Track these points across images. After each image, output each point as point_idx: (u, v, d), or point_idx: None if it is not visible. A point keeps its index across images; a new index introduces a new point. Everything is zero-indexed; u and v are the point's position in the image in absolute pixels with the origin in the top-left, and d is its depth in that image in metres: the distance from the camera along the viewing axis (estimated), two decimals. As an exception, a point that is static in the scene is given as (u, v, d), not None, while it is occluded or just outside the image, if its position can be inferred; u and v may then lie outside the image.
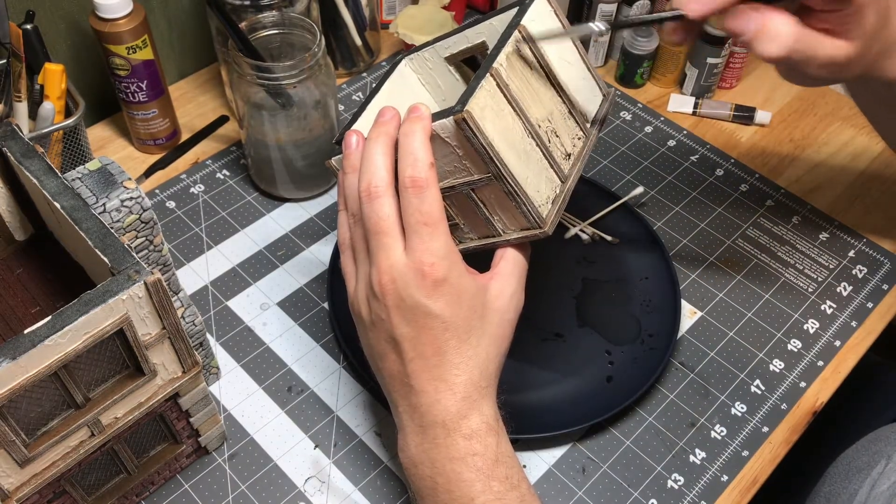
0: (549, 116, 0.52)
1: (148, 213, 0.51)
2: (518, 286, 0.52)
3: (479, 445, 0.48)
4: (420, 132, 0.48)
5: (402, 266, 0.48)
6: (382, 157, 0.49)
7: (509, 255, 0.53)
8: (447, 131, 0.48)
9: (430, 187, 0.47)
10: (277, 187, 0.77)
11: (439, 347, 0.48)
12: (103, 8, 0.70)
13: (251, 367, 0.66)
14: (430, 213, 0.47)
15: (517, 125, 0.50)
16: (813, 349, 0.69)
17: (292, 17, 0.71)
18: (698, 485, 0.61)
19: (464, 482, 0.47)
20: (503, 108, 0.49)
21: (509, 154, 0.49)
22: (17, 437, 0.45)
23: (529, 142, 0.50)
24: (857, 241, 0.77)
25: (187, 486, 0.60)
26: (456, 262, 0.48)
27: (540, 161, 0.51)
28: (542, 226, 0.51)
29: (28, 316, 0.53)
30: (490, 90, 0.48)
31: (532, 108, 0.51)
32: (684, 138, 0.86)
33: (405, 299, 0.48)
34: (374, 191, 0.49)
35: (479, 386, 0.49)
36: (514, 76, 0.50)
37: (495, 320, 0.50)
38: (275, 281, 0.72)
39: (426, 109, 0.49)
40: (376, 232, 0.49)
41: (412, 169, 0.47)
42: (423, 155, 0.47)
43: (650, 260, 0.72)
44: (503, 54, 0.49)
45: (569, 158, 0.53)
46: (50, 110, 0.70)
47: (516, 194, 0.49)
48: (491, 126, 0.48)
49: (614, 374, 0.65)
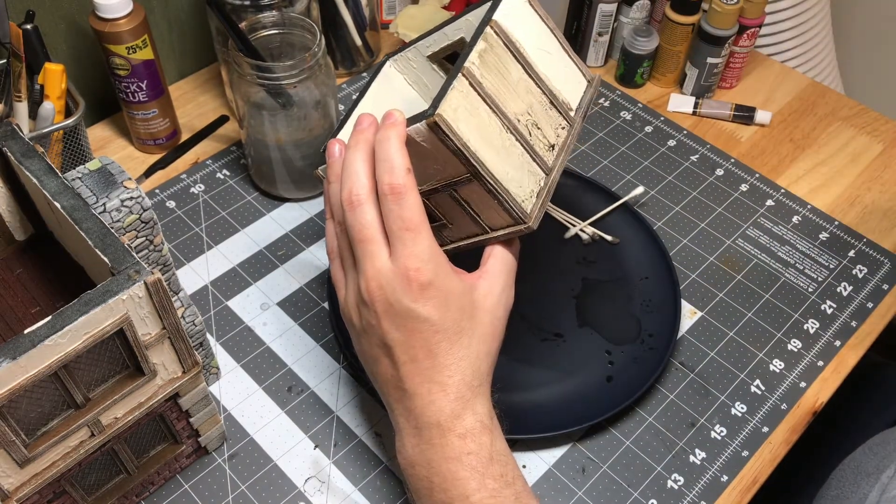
0: (529, 109, 0.52)
1: (148, 212, 0.51)
2: (507, 283, 0.52)
3: (474, 444, 0.48)
4: (395, 138, 0.48)
5: (388, 272, 0.48)
6: (362, 165, 0.49)
7: (497, 252, 0.53)
8: (422, 135, 0.48)
9: (409, 192, 0.47)
10: (277, 187, 0.77)
11: (430, 350, 0.48)
12: (103, 8, 0.70)
13: (251, 367, 0.66)
14: (410, 219, 0.47)
15: (494, 122, 0.49)
16: (813, 349, 0.69)
17: (292, 17, 0.71)
18: (698, 485, 0.61)
19: (459, 481, 0.47)
20: (478, 106, 0.49)
21: (487, 152, 0.49)
22: (17, 437, 0.45)
23: (508, 137, 0.50)
24: (857, 241, 0.77)
25: (187, 486, 0.60)
26: (441, 264, 0.49)
27: (521, 156, 0.51)
28: (525, 221, 0.51)
29: (28, 316, 0.53)
30: (462, 90, 0.48)
31: (510, 102, 0.51)
32: (684, 138, 0.86)
33: (393, 305, 0.48)
34: (355, 199, 0.49)
35: (471, 385, 0.49)
36: (488, 73, 0.50)
37: (485, 319, 0.51)
38: (275, 281, 0.72)
39: (400, 115, 0.49)
40: (360, 240, 0.49)
41: (389, 175, 0.47)
42: (400, 161, 0.47)
43: (650, 260, 0.72)
44: (475, 52, 0.49)
45: (553, 149, 0.53)
46: (50, 110, 0.70)
47: (496, 192, 0.49)
48: (465, 126, 0.48)
49: (614, 374, 0.65)
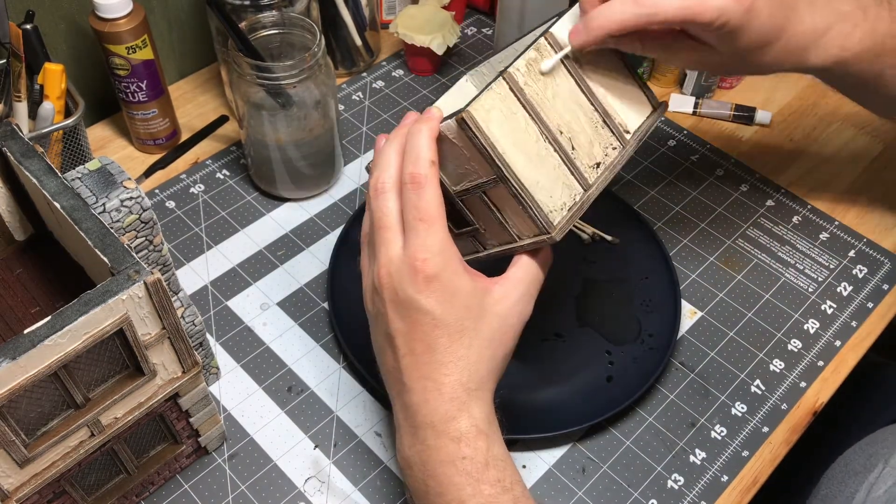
0: (576, 123, 0.52)
1: (148, 213, 0.51)
2: (525, 293, 0.52)
3: (469, 449, 0.48)
4: (426, 131, 0.49)
5: (397, 260, 0.48)
6: (395, 156, 0.50)
7: (522, 262, 0.52)
8: (452, 132, 0.49)
9: (429, 184, 0.48)
10: (277, 187, 0.77)
11: (429, 345, 0.48)
12: (103, 8, 0.70)
13: (251, 367, 0.66)
14: (426, 210, 0.48)
15: (532, 129, 0.50)
16: (813, 349, 0.69)
17: (292, 17, 0.71)
18: (698, 485, 0.61)
19: (454, 485, 0.47)
20: (515, 111, 0.49)
21: (517, 156, 0.49)
22: (17, 437, 0.45)
23: (546, 147, 0.50)
24: (857, 241, 0.77)
25: (187, 486, 0.60)
26: (451, 260, 0.48)
27: (557, 167, 0.51)
28: (549, 231, 0.50)
29: (28, 316, 0.53)
30: (501, 93, 0.48)
31: (553, 113, 0.51)
32: (684, 138, 0.86)
33: (398, 293, 0.48)
34: (380, 186, 0.50)
35: (467, 387, 0.48)
36: (533, 81, 0.50)
37: (493, 324, 0.50)
38: (275, 281, 0.72)
39: (437, 111, 0.50)
40: (379, 227, 0.50)
41: (413, 166, 0.48)
42: (426, 153, 0.48)
43: (650, 260, 0.72)
44: (522, 59, 0.50)
45: (597, 167, 0.53)
46: (50, 110, 0.70)
47: (522, 197, 0.49)
48: (497, 128, 0.48)
49: (614, 374, 0.65)
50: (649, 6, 0.48)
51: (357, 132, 0.85)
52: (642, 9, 0.49)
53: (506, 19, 0.79)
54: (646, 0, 0.49)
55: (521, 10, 0.77)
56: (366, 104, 0.88)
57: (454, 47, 0.92)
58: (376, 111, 0.88)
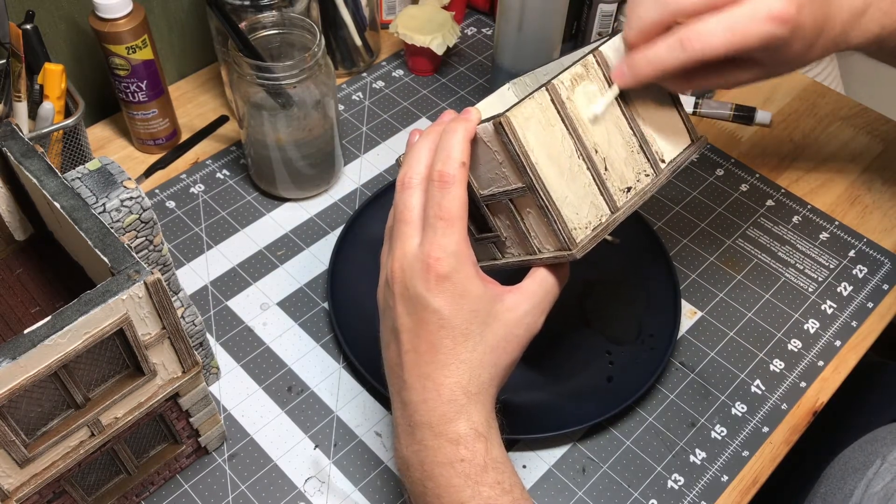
0: (612, 144, 0.51)
1: (148, 212, 0.51)
2: (536, 306, 0.51)
3: (467, 451, 0.47)
4: (461, 131, 0.49)
5: (411, 256, 0.48)
6: (426, 152, 0.50)
7: (538, 274, 0.52)
8: (488, 135, 0.49)
9: (456, 184, 0.48)
10: (277, 187, 0.77)
11: (433, 344, 0.48)
12: (103, 8, 0.70)
13: (251, 367, 0.66)
14: (448, 209, 0.48)
15: (567, 144, 0.49)
16: (813, 349, 0.69)
17: (292, 17, 0.71)
18: (698, 485, 0.61)
19: (453, 487, 0.47)
20: (554, 124, 0.49)
21: (549, 169, 0.48)
22: (17, 437, 0.45)
23: (579, 164, 0.50)
24: (857, 241, 0.77)
25: (187, 486, 0.60)
26: (465, 263, 0.48)
27: (587, 186, 0.50)
28: (570, 248, 0.50)
29: (28, 316, 0.53)
30: (542, 103, 0.48)
31: (591, 132, 0.50)
32: (684, 138, 0.86)
33: (409, 289, 0.48)
34: (407, 181, 0.50)
35: (467, 391, 0.48)
36: (576, 96, 0.50)
37: (500, 332, 0.49)
38: (275, 281, 0.72)
39: (475, 113, 0.49)
40: (399, 220, 0.50)
41: (442, 164, 0.48)
42: (457, 153, 0.48)
43: (650, 260, 0.72)
44: (567, 73, 0.50)
45: (628, 192, 0.52)
46: (50, 110, 0.70)
47: (548, 209, 0.49)
48: (533, 137, 0.48)
49: (614, 374, 0.65)
50: (697, 51, 0.47)
51: (357, 132, 0.85)
52: (689, 53, 0.48)
53: (506, 19, 0.79)
54: (692, 44, 0.47)
55: (521, 10, 0.77)
56: (366, 104, 0.88)
57: (454, 47, 0.92)
58: (376, 111, 0.88)
